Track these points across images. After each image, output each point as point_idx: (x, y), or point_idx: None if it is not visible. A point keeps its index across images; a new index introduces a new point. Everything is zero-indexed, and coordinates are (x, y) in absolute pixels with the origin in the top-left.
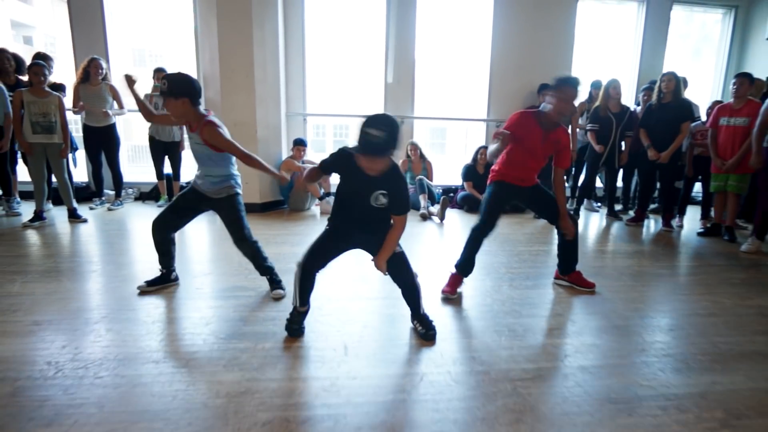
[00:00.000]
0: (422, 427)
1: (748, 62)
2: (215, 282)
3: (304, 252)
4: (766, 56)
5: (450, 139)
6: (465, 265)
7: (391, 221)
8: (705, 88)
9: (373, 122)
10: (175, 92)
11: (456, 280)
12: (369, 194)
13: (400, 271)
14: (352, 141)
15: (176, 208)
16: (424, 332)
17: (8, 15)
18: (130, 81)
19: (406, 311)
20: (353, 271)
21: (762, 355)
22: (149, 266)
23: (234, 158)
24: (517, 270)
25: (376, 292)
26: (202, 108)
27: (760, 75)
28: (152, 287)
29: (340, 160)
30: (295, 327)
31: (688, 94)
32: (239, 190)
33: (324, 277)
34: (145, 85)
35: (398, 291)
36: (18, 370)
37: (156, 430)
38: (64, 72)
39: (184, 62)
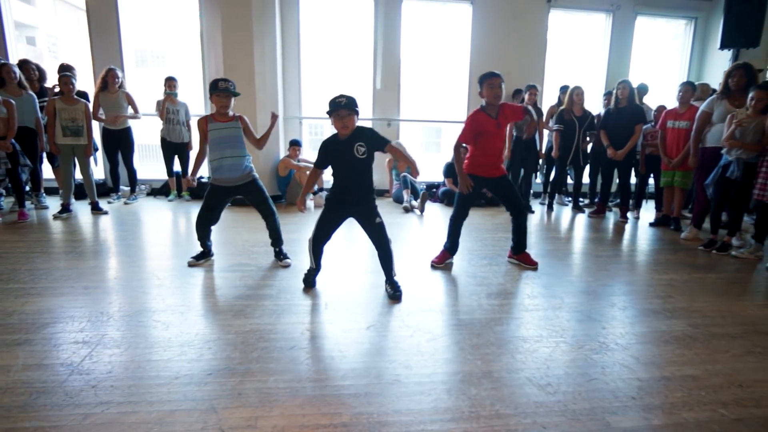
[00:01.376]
0: (379, 348)
1: (706, 69)
2: (222, 260)
3: (313, 229)
4: (720, 64)
5: (445, 139)
6: (451, 247)
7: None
8: (670, 93)
9: (336, 96)
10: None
11: (444, 255)
12: (352, 150)
13: (379, 235)
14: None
15: (208, 207)
16: (392, 293)
17: (12, 16)
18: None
19: (380, 283)
20: (340, 253)
21: (651, 310)
22: (165, 249)
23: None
24: (477, 251)
25: (355, 269)
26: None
27: (716, 80)
28: (198, 261)
29: (325, 147)
30: (309, 280)
31: (651, 98)
32: (257, 175)
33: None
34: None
35: (376, 268)
36: (82, 316)
37: (186, 351)
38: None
39: (186, 65)
